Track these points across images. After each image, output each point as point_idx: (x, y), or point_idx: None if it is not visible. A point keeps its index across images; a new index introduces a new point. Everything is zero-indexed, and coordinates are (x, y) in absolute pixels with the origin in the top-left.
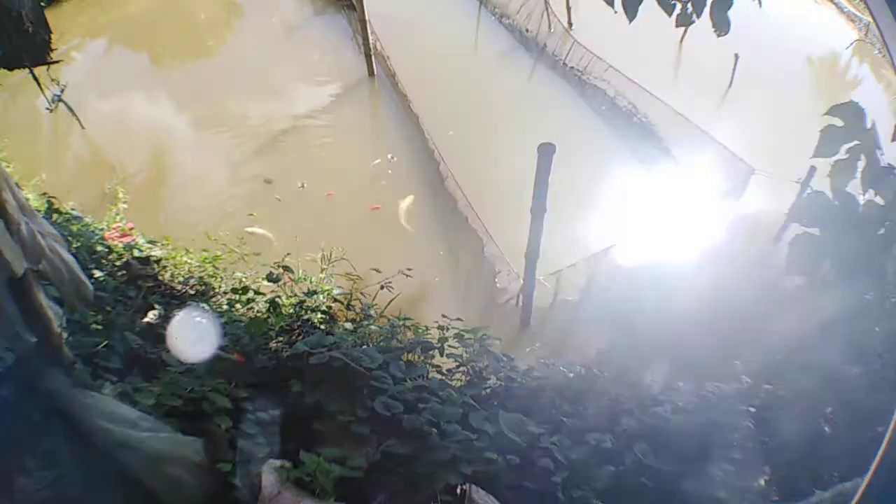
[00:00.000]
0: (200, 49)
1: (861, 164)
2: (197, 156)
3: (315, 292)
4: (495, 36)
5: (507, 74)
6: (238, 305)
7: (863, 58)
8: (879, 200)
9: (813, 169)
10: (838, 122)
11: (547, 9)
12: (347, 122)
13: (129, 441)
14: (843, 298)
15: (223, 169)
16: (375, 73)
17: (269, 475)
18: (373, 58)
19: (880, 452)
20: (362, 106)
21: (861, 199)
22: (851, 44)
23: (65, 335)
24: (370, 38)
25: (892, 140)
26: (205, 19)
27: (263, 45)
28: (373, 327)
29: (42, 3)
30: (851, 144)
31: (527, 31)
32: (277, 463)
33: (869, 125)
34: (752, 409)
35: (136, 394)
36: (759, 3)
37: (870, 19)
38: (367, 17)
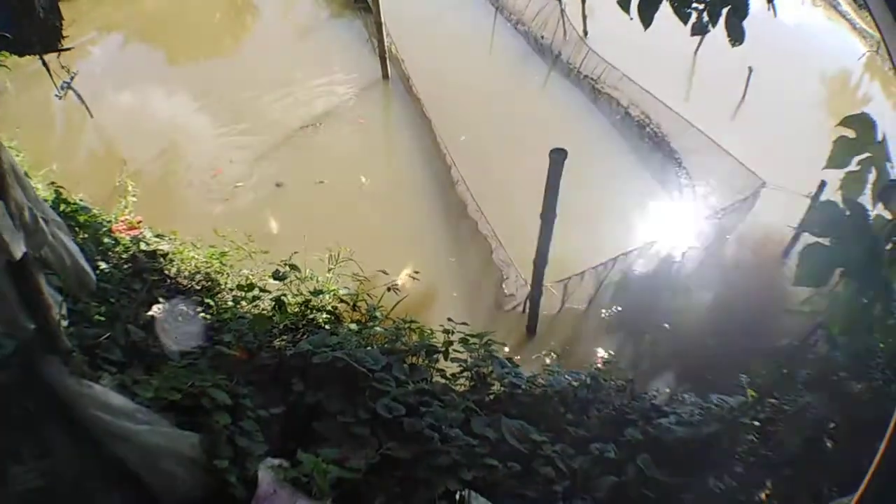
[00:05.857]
0: (215, 47)
1: (871, 177)
2: (208, 152)
3: (321, 292)
4: (510, 42)
5: (521, 81)
6: (243, 302)
7: (873, 75)
8: (887, 215)
9: (823, 183)
10: (851, 134)
11: (562, 17)
12: (361, 124)
13: (125, 433)
14: (850, 311)
15: (234, 166)
16: (390, 75)
17: (265, 473)
18: (387, 60)
19: (876, 461)
20: (376, 108)
21: (871, 212)
22: (863, 55)
23: (65, 324)
24: (385, 40)
25: None
26: (220, 18)
27: (279, 46)
28: (378, 329)
29: None
30: (863, 156)
31: (542, 38)
32: (275, 461)
33: (880, 138)
34: (756, 423)
35: (134, 386)
36: (774, 12)
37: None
38: (382, 20)
